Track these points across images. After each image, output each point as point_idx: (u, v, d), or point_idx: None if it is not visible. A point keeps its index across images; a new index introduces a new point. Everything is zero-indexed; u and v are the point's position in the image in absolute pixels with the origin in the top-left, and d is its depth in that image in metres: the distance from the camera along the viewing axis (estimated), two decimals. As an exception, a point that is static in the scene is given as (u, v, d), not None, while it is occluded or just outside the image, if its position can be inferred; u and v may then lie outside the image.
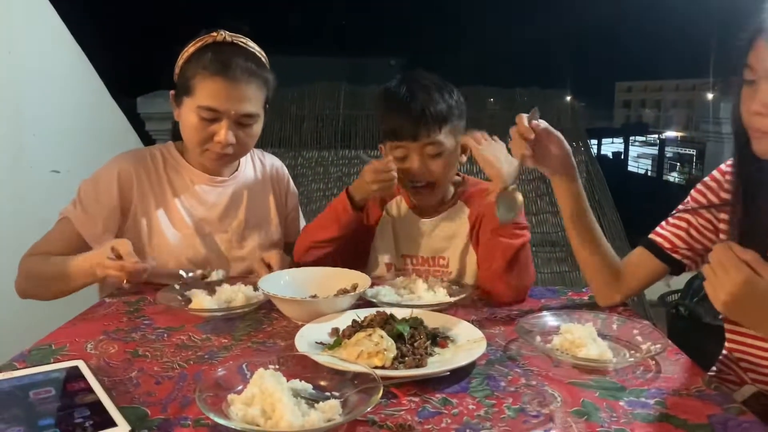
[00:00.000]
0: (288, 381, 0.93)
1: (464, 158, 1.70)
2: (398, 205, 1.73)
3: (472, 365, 1.05)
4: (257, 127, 1.57)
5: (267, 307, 1.36)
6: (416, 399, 0.94)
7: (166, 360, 1.10)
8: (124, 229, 1.56)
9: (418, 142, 1.55)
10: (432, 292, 1.40)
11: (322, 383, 0.95)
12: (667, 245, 1.35)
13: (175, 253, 1.56)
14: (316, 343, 1.13)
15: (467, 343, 1.12)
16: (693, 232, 1.33)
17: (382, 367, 1.01)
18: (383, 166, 1.50)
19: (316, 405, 0.87)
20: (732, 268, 0.97)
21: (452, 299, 1.36)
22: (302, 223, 1.84)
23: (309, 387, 0.93)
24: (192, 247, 1.58)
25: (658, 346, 1.10)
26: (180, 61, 1.55)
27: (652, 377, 1.04)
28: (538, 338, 1.17)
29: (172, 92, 1.57)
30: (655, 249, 1.36)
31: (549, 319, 1.23)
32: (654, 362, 1.10)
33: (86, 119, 2.96)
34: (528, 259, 1.49)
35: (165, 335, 1.22)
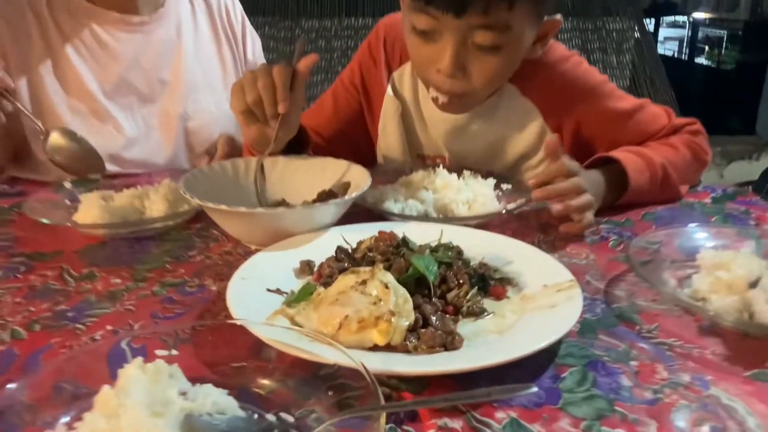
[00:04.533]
0: (194, 385, 0.45)
1: (540, 51, 0.98)
2: (412, 78, 1.09)
3: (559, 340, 0.55)
4: None
5: (204, 221, 0.84)
6: (457, 424, 0.45)
7: (-3, 321, 0.60)
8: None
9: (461, 19, 0.86)
10: (471, 196, 0.87)
11: (264, 387, 0.47)
12: None
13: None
14: (269, 291, 0.62)
15: (543, 289, 0.62)
16: None
17: (388, 348, 0.51)
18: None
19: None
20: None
21: (508, 206, 0.84)
22: None
23: (232, 402, 0.45)
24: (101, 126, 1.05)
25: None
26: None
27: None
28: (672, 280, 0.65)
29: None
30: None
31: (686, 239, 0.71)
32: None
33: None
34: (673, 176, 0.95)
35: (22, 267, 0.72)
